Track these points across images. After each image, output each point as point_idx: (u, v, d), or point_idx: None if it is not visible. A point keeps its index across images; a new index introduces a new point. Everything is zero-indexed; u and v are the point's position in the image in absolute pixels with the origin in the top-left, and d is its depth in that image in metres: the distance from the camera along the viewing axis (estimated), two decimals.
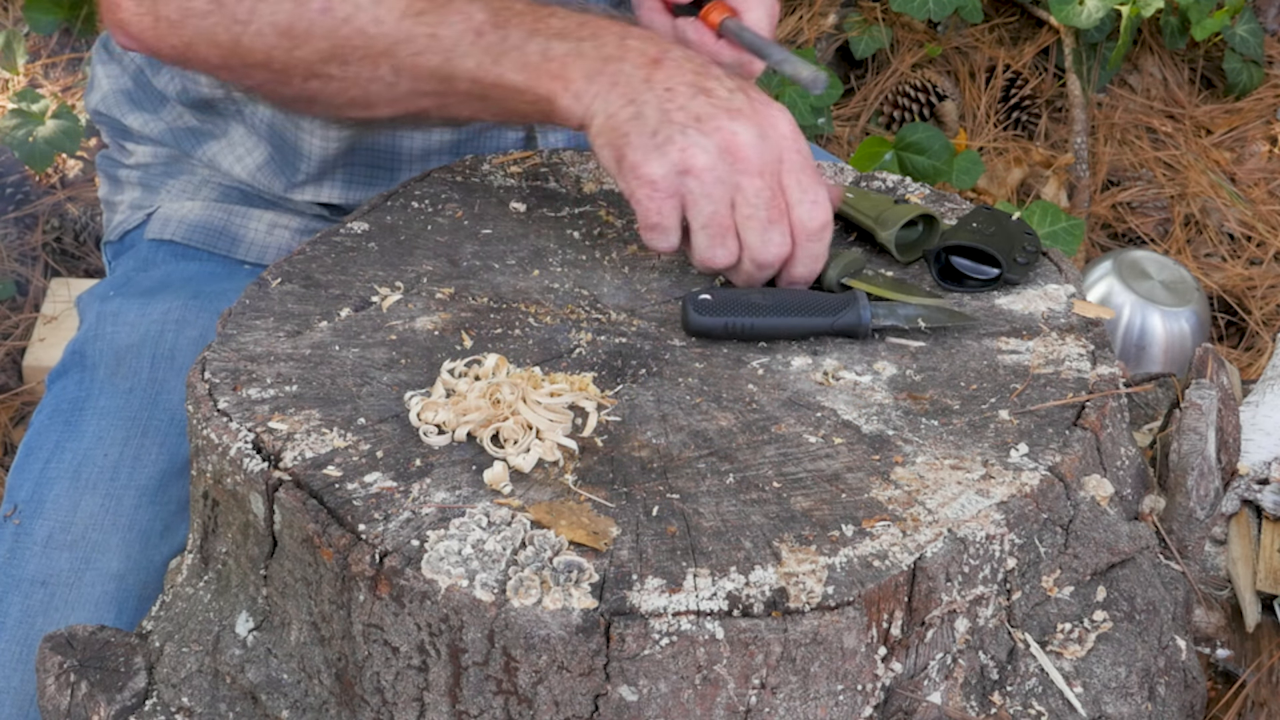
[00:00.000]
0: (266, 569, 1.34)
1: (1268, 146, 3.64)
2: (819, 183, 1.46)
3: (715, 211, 1.43)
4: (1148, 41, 3.82)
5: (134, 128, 1.94)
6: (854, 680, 1.24)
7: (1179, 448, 1.49)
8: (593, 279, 1.58)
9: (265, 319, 1.50)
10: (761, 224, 1.44)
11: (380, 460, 1.32)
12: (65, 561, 1.64)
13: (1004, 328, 1.52)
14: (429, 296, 1.54)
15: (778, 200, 1.43)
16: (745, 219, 1.43)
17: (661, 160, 1.41)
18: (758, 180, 1.42)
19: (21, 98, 3.44)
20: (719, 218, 1.44)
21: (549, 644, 1.19)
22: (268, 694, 1.34)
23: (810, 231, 1.46)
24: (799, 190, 1.44)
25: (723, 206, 1.43)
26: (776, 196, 1.43)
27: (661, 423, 1.38)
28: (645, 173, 1.42)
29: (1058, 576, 1.35)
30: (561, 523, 1.26)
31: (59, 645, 1.38)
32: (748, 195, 1.43)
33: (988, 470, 1.33)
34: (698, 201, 1.43)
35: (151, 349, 1.78)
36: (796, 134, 1.45)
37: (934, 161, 3.32)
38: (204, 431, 1.37)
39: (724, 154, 1.41)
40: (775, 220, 1.44)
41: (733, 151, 1.42)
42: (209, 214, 1.93)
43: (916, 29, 3.77)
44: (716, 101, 1.43)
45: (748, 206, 1.43)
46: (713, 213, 1.43)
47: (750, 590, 1.20)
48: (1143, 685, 1.36)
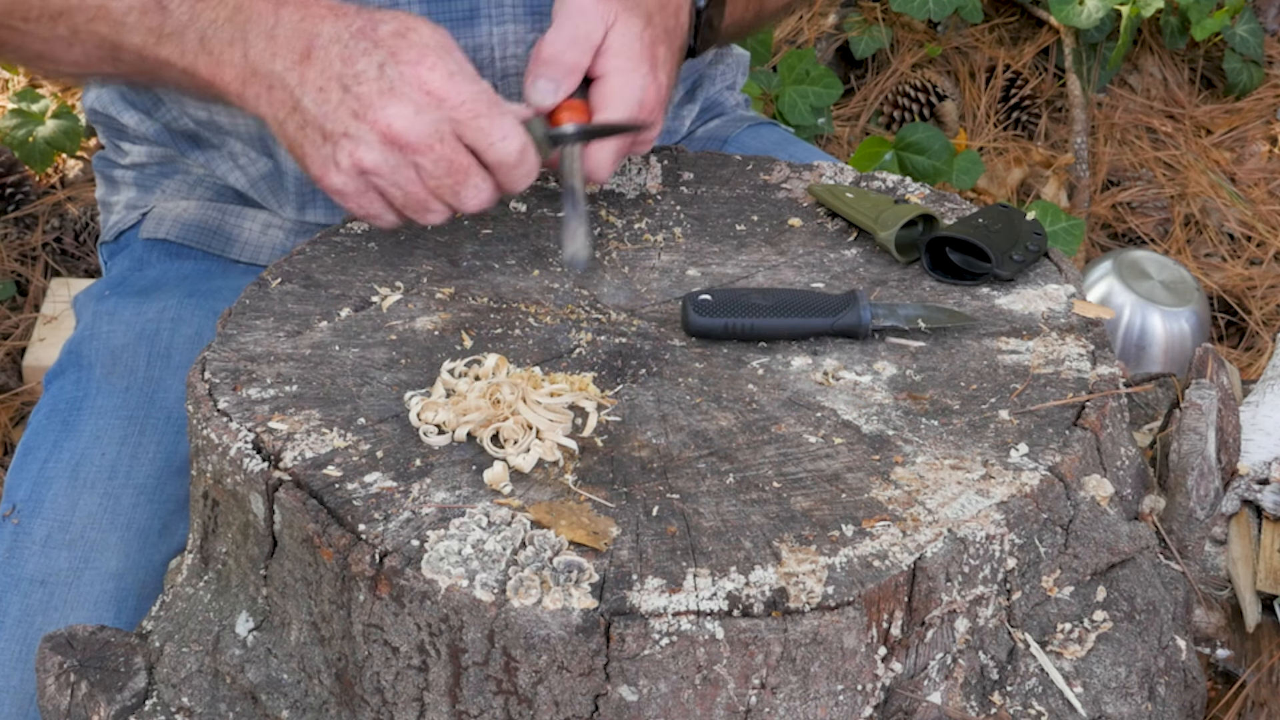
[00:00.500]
0: (266, 569, 1.34)
1: (1268, 146, 3.64)
2: (499, 116, 1.46)
3: (407, 193, 1.47)
4: (1148, 41, 3.82)
5: (129, 126, 1.94)
6: (854, 680, 1.24)
7: (1179, 448, 1.49)
8: (593, 279, 1.58)
9: (265, 319, 1.50)
10: (451, 189, 1.47)
11: (380, 460, 1.32)
12: (64, 560, 1.64)
13: (1004, 328, 1.52)
14: (429, 296, 1.54)
15: (456, 162, 1.46)
16: (436, 190, 1.47)
17: (337, 172, 1.46)
18: (429, 156, 1.45)
19: (21, 98, 3.44)
20: (414, 197, 1.48)
21: (549, 644, 1.19)
22: (268, 694, 1.34)
23: (511, 165, 1.48)
24: (483, 136, 1.46)
25: (412, 186, 1.47)
26: (454, 159, 1.46)
27: (661, 423, 1.38)
28: (329, 185, 1.47)
29: (1058, 576, 1.35)
30: (561, 523, 1.26)
31: (59, 645, 1.38)
32: (427, 171, 1.46)
33: (988, 470, 1.33)
34: (387, 191, 1.47)
35: (147, 348, 1.78)
36: (453, 86, 1.45)
37: (934, 161, 3.32)
38: (204, 431, 1.37)
39: (388, 145, 1.44)
40: (463, 180, 1.47)
41: (394, 139, 1.44)
42: (204, 213, 1.93)
43: (916, 29, 3.77)
44: (368, 87, 1.44)
45: (432, 180, 1.46)
46: (405, 195, 1.48)
47: (750, 590, 1.20)
48: (1143, 685, 1.36)
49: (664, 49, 1.59)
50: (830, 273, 1.60)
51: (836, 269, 1.60)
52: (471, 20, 1.78)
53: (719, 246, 1.64)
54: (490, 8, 1.77)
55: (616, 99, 1.56)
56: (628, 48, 1.56)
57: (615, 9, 1.56)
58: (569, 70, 1.55)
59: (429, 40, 1.46)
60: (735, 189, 1.73)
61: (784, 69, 3.43)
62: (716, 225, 1.67)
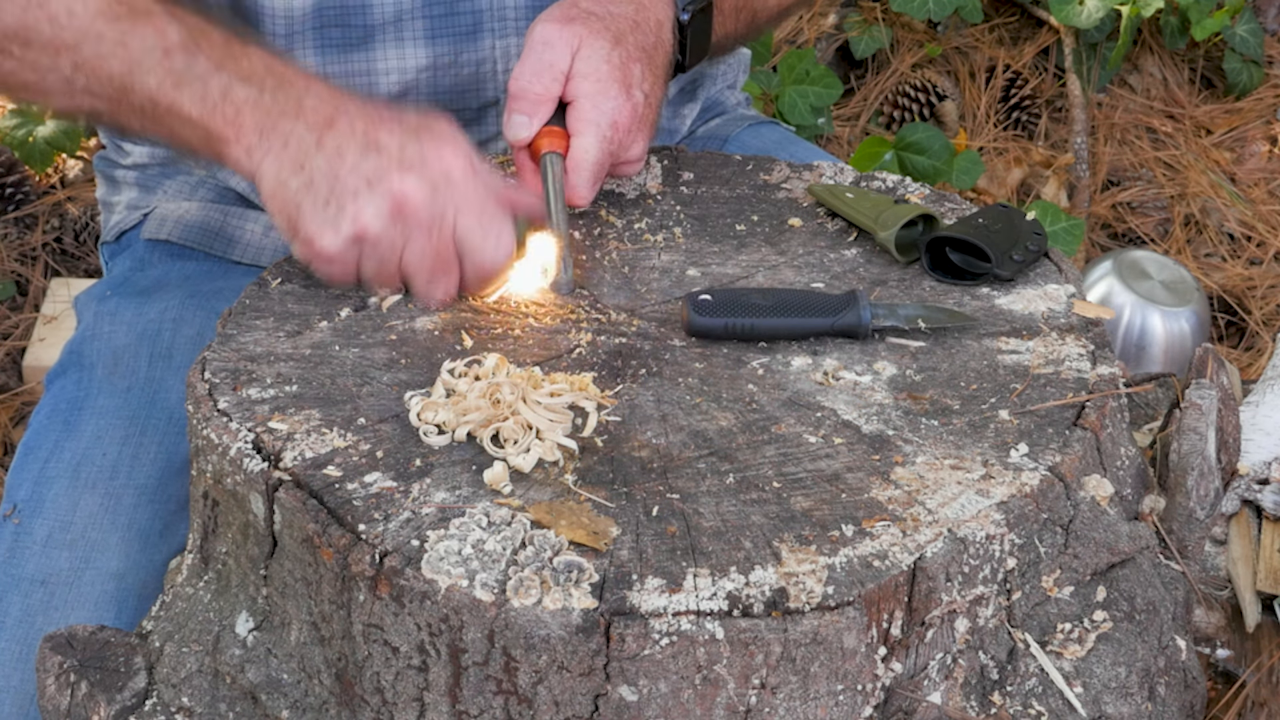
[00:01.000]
0: (266, 569, 1.34)
1: (1268, 146, 3.64)
2: (498, 219, 1.47)
3: (380, 268, 1.47)
4: (1148, 41, 3.82)
5: None
6: (854, 680, 1.24)
7: (1179, 448, 1.49)
8: (593, 279, 1.58)
9: (265, 319, 1.50)
10: (424, 279, 1.48)
11: (380, 460, 1.32)
12: (65, 560, 1.64)
13: (1004, 328, 1.52)
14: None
15: (444, 254, 1.46)
16: (409, 274, 1.48)
17: (335, 234, 1.44)
18: (424, 238, 1.45)
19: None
20: (384, 273, 1.48)
21: (549, 644, 1.19)
22: (268, 694, 1.34)
23: (488, 272, 1.49)
24: (479, 233, 1.46)
25: (388, 265, 1.47)
26: (443, 251, 1.46)
27: (661, 423, 1.38)
28: (321, 248, 1.44)
29: (1058, 576, 1.35)
30: (561, 523, 1.26)
31: (59, 645, 1.38)
32: (413, 254, 1.45)
33: (988, 470, 1.33)
34: (366, 262, 1.47)
35: (149, 348, 1.78)
36: (471, 176, 1.46)
37: (934, 161, 3.32)
38: (204, 431, 1.37)
39: (395, 215, 1.43)
40: (439, 274, 1.48)
41: (402, 210, 1.43)
42: (206, 214, 1.93)
43: (916, 29, 3.77)
44: (387, 158, 1.44)
45: (411, 264, 1.46)
46: (378, 268, 1.47)
47: (750, 590, 1.20)
48: (1143, 685, 1.36)
49: (639, 67, 1.61)
50: (830, 273, 1.60)
51: (836, 269, 1.60)
52: (475, 34, 1.79)
53: (719, 246, 1.64)
54: (493, 21, 1.78)
55: (588, 122, 1.57)
56: (595, 70, 1.58)
57: (580, 34, 1.58)
58: (538, 101, 1.57)
59: (452, 132, 1.47)
60: (735, 189, 1.73)
61: (784, 69, 3.43)
62: (716, 225, 1.67)
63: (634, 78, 1.60)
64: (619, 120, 1.58)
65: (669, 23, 1.67)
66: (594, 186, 1.60)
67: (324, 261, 1.46)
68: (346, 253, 1.45)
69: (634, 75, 1.60)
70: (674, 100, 2.04)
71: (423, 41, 1.79)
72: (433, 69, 1.81)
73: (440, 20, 1.78)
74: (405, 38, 1.79)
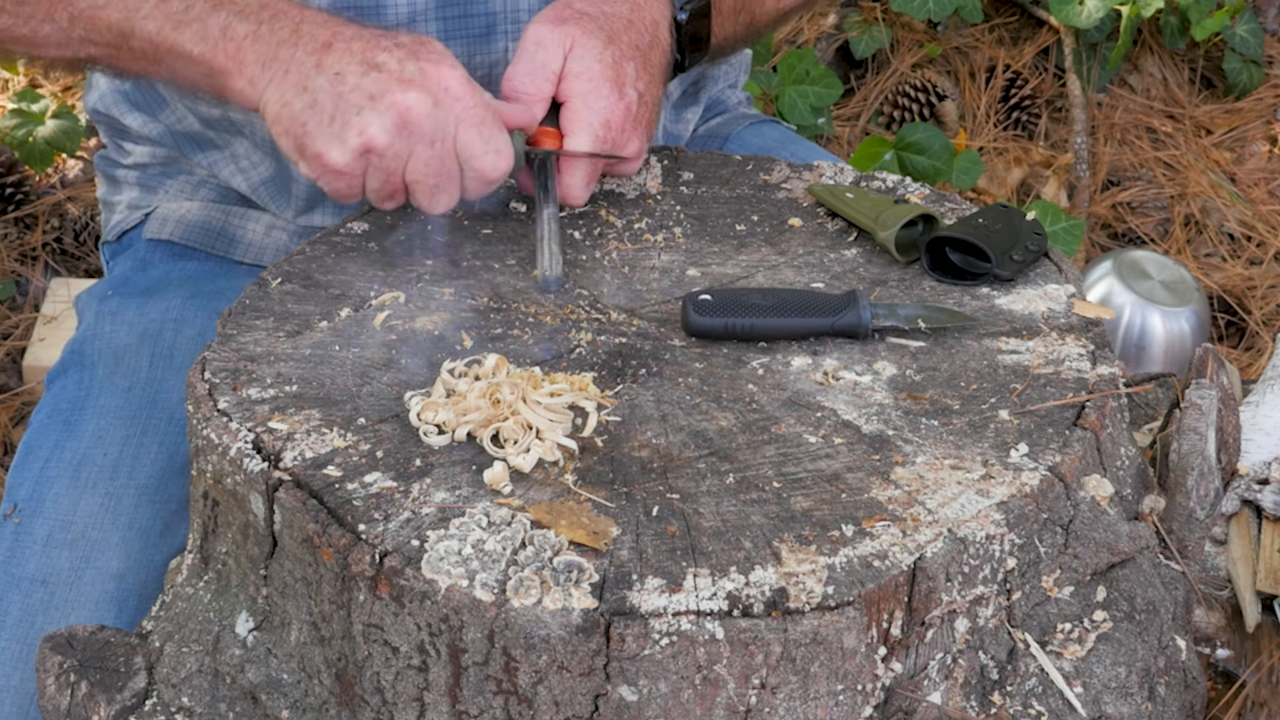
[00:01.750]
0: (266, 569, 1.34)
1: (1268, 146, 3.64)
2: (498, 130, 1.51)
3: (385, 180, 1.51)
4: (1148, 41, 3.82)
5: (132, 128, 1.94)
6: (854, 680, 1.24)
7: (1179, 448, 1.49)
8: (593, 279, 1.58)
9: (265, 319, 1.50)
10: (427, 190, 1.51)
11: (380, 460, 1.32)
12: (65, 560, 1.64)
13: (1004, 328, 1.52)
14: (429, 296, 1.54)
15: (446, 164, 1.50)
16: (413, 185, 1.51)
17: (342, 147, 1.48)
18: (428, 149, 1.49)
19: (21, 98, 3.44)
20: (389, 185, 1.52)
21: (549, 644, 1.19)
22: (268, 694, 1.34)
23: (490, 180, 1.53)
24: (481, 142, 1.50)
25: (394, 176, 1.51)
26: (446, 161, 1.50)
27: (661, 423, 1.38)
28: (329, 162, 1.49)
29: (1058, 576, 1.35)
30: (561, 523, 1.26)
31: (59, 645, 1.38)
32: (416, 164, 1.49)
33: (988, 470, 1.33)
34: (371, 175, 1.50)
35: (150, 348, 1.79)
36: (470, 90, 1.50)
37: (934, 161, 3.32)
38: (204, 431, 1.37)
39: (400, 128, 1.47)
40: (441, 185, 1.51)
41: (407, 123, 1.47)
42: (207, 214, 1.93)
43: (916, 29, 3.77)
44: (388, 75, 1.48)
45: (414, 174, 1.50)
46: (383, 181, 1.51)
47: (750, 590, 1.20)
48: (1143, 685, 1.36)
49: (633, 65, 1.61)
50: (830, 273, 1.60)
51: (836, 269, 1.60)
52: (488, 36, 1.79)
53: (719, 246, 1.64)
54: (506, 23, 1.79)
55: (580, 121, 1.59)
56: (588, 70, 1.59)
57: (573, 34, 1.60)
58: (531, 102, 1.59)
59: (446, 52, 1.51)
60: (735, 189, 1.73)
61: (784, 69, 3.43)
62: (716, 225, 1.67)
63: (627, 77, 1.61)
64: (611, 119, 1.59)
65: (665, 22, 1.68)
66: (588, 186, 1.62)
67: (332, 176, 1.50)
68: (353, 165, 1.49)
69: (627, 74, 1.61)
70: (677, 104, 2.04)
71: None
72: None
73: (454, 22, 1.79)
74: None
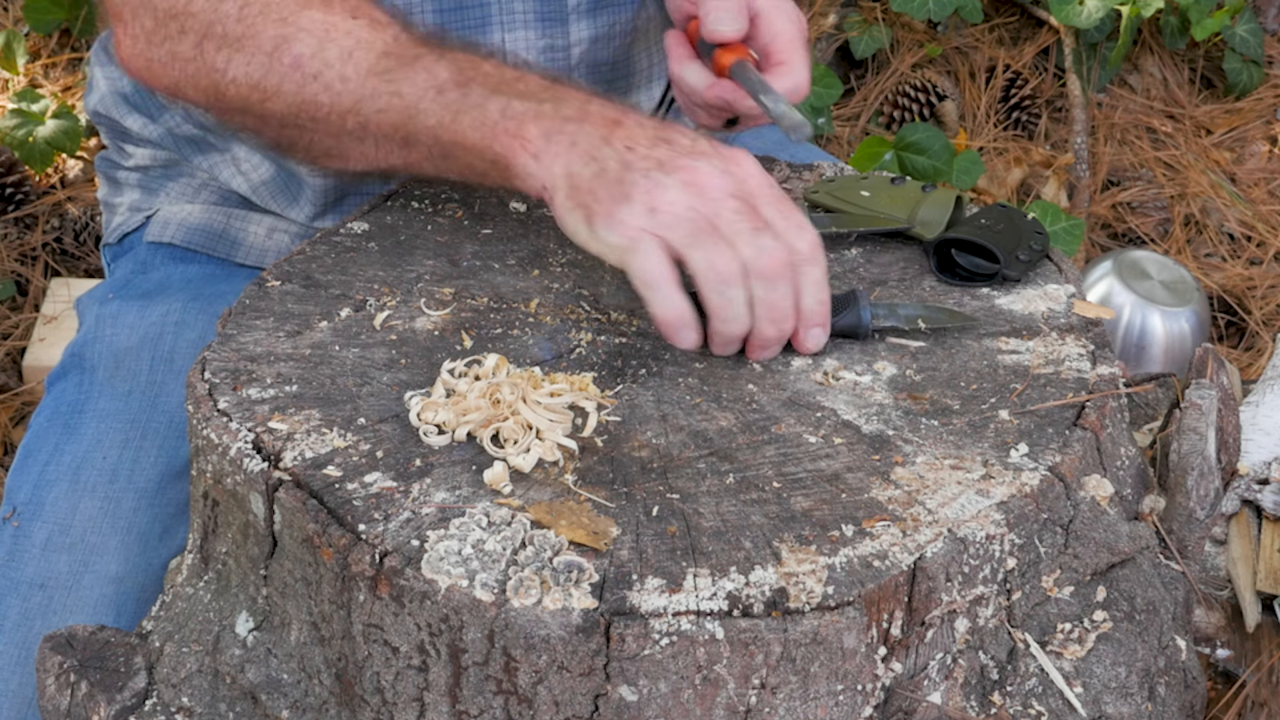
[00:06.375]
0: (266, 569, 1.34)
1: (1268, 146, 3.64)
2: (796, 210, 1.42)
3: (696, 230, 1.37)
4: (1148, 41, 3.82)
5: (133, 130, 1.94)
6: (854, 680, 1.24)
7: (1179, 448, 1.49)
8: (593, 279, 1.58)
9: (265, 319, 1.50)
10: (749, 232, 1.37)
11: (380, 460, 1.32)
12: (64, 564, 1.64)
13: (1004, 328, 1.52)
14: (429, 296, 1.54)
15: (756, 217, 1.38)
16: (732, 235, 1.37)
17: (629, 207, 1.37)
18: (731, 202, 1.37)
19: (21, 98, 3.44)
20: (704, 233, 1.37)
21: (549, 644, 1.19)
22: (268, 694, 1.34)
23: (804, 254, 1.39)
24: (781, 219, 1.39)
25: (704, 224, 1.37)
26: (754, 213, 1.38)
27: (661, 423, 1.38)
28: (618, 220, 1.37)
29: (1058, 576, 1.35)
30: (561, 523, 1.26)
31: (59, 645, 1.38)
32: (725, 216, 1.37)
33: (988, 470, 1.33)
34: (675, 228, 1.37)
35: (150, 351, 1.78)
36: (763, 173, 1.41)
37: (934, 161, 3.32)
38: (204, 431, 1.37)
39: (689, 187, 1.37)
40: (760, 229, 1.37)
41: (698, 184, 1.37)
42: (209, 217, 1.92)
43: (916, 29, 3.77)
44: (678, 148, 1.41)
45: (728, 225, 1.37)
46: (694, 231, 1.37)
47: (750, 590, 1.20)
48: (1143, 685, 1.36)
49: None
50: (830, 273, 1.59)
51: (836, 269, 1.60)
52: (484, 27, 1.79)
53: None
54: (502, 15, 1.78)
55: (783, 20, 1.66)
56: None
57: None
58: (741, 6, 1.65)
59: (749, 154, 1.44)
60: None
61: None
62: None
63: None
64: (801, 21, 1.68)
65: None
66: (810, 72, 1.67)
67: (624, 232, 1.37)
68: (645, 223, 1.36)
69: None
70: (678, 110, 2.04)
71: None
72: None
73: (449, 14, 1.78)
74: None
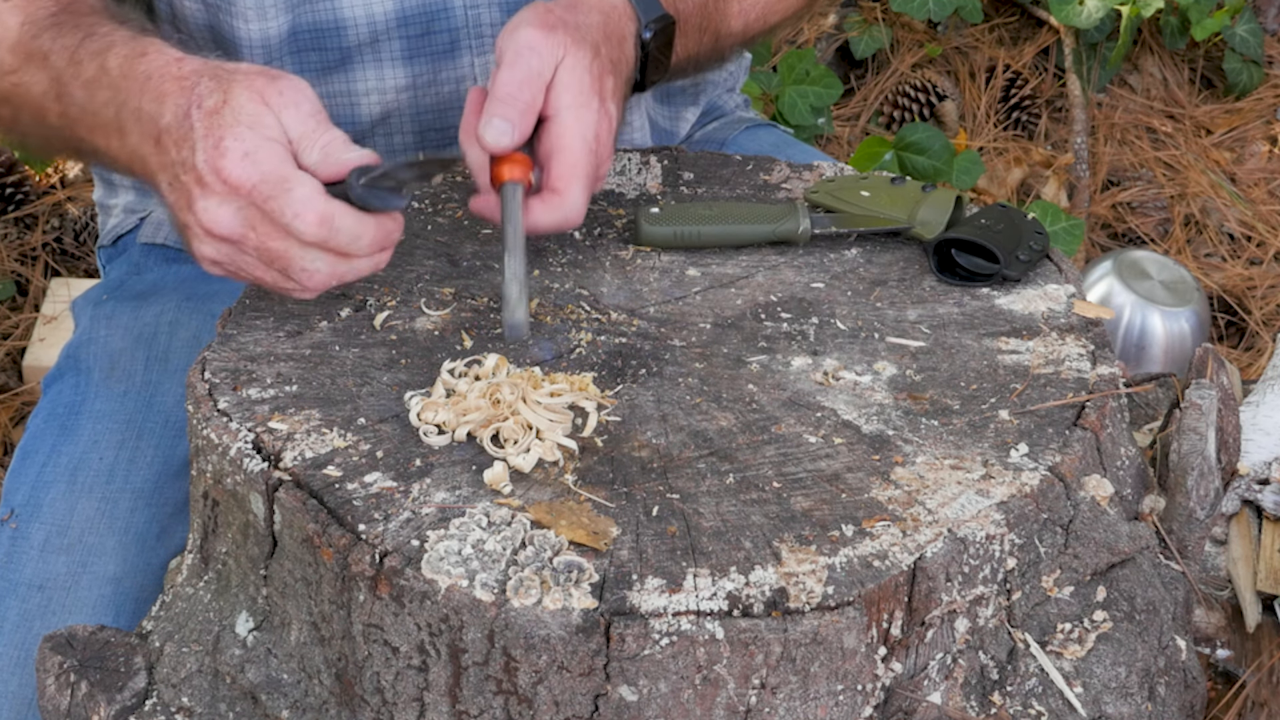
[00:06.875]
0: (266, 569, 1.34)
1: (1268, 146, 3.64)
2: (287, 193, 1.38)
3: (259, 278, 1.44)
4: (1148, 41, 3.82)
5: None
6: (854, 680, 1.24)
7: (1179, 448, 1.49)
8: (593, 279, 1.58)
9: (265, 319, 1.50)
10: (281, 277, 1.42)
11: (380, 460, 1.32)
12: (62, 565, 1.64)
13: (1004, 328, 1.52)
14: (429, 296, 1.54)
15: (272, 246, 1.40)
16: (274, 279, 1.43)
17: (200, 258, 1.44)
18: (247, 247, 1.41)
19: None
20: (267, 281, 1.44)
21: (549, 644, 1.19)
22: (268, 694, 1.34)
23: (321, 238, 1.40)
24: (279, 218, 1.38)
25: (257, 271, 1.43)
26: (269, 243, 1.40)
27: (661, 423, 1.38)
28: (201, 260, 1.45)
29: (1058, 576, 1.35)
30: (561, 523, 1.25)
31: (59, 645, 1.38)
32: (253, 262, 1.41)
33: (988, 470, 1.33)
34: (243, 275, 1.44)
35: (145, 352, 1.78)
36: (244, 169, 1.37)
37: (934, 161, 3.32)
38: (204, 431, 1.37)
39: (213, 239, 1.41)
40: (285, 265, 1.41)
41: (215, 235, 1.40)
42: None
43: (916, 29, 3.77)
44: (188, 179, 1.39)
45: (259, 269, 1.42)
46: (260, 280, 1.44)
47: (750, 590, 1.20)
48: (1143, 685, 1.36)
49: (611, 80, 1.53)
50: (830, 273, 1.60)
51: (836, 269, 1.60)
52: (452, 52, 1.78)
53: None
54: (470, 39, 1.78)
55: (571, 136, 1.48)
56: (578, 83, 1.49)
57: (564, 42, 1.49)
58: (525, 110, 1.47)
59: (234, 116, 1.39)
60: (735, 189, 1.73)
61: (784, 69, 3.43)
62: None
63: (608, 90, 1.52)
64: (599, 134, 1.50)
65: (632, 38, 1.60)
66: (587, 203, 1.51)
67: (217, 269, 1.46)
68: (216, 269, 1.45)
69: (608, 88, 1.52)
70: (676, 101, 2.03)
71: (401, 62, 1.79)
72: (413, 89, 1.81)
73: (417, 40, 1.77)
74: (383, 59, 1.78)
